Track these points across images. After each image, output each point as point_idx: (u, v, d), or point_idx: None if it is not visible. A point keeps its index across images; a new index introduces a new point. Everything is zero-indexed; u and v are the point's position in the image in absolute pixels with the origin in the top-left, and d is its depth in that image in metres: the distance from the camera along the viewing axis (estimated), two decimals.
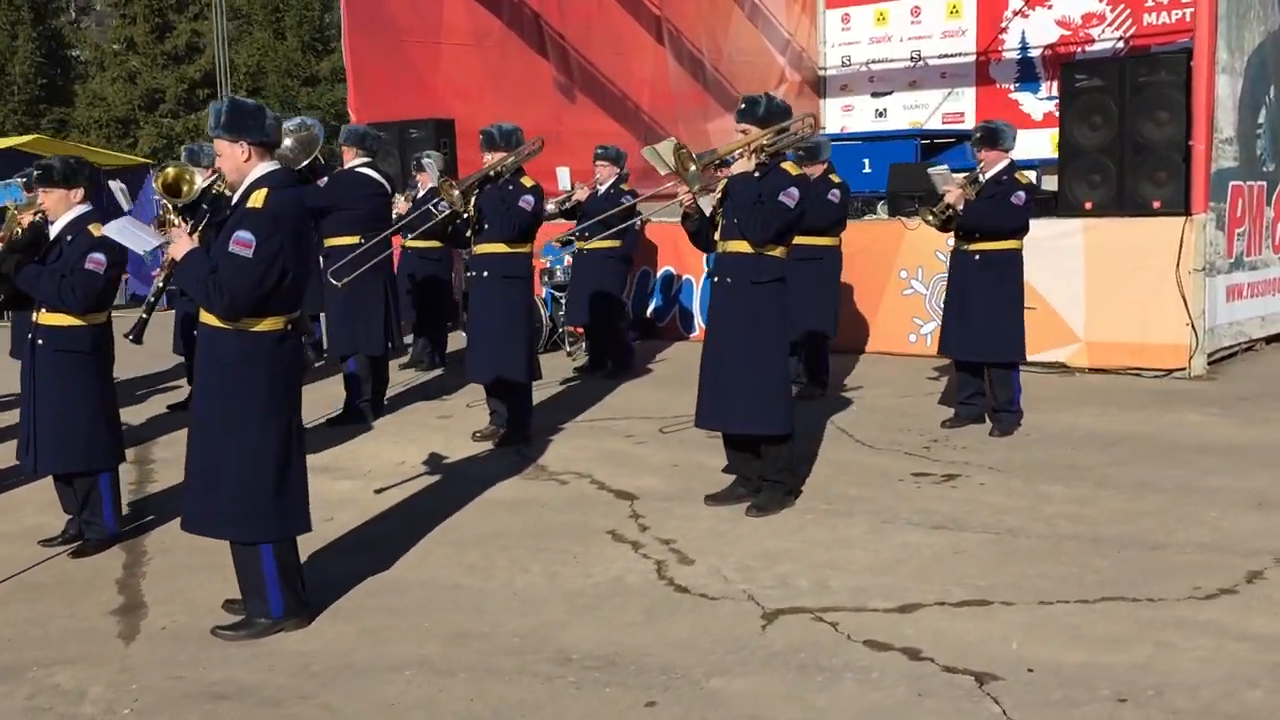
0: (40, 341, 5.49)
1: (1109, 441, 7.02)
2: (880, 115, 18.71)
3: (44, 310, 5.47)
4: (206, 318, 4.43)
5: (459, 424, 7.79)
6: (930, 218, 7.14)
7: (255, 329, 4.37)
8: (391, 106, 13.92)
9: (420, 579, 5.09)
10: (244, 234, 4.25)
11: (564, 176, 10.21)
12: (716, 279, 5.79)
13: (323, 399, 8.49)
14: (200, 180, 8.55)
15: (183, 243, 4.45)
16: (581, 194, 9.51)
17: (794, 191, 5.58)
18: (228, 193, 4.49)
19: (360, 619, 4.68)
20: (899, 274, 10.22)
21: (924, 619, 4.45)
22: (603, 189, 9.48)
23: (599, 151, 9.65)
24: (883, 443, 7.12)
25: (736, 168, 5.63)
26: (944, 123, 17.19)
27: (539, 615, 4.64)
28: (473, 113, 15.10)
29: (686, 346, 10.50)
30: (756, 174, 5.64)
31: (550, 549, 5.40)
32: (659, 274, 11.79)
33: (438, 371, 9.85)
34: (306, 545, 5.38)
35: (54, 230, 5.50)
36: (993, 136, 7.23)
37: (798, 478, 6.06)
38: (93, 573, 5.35)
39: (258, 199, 4.31)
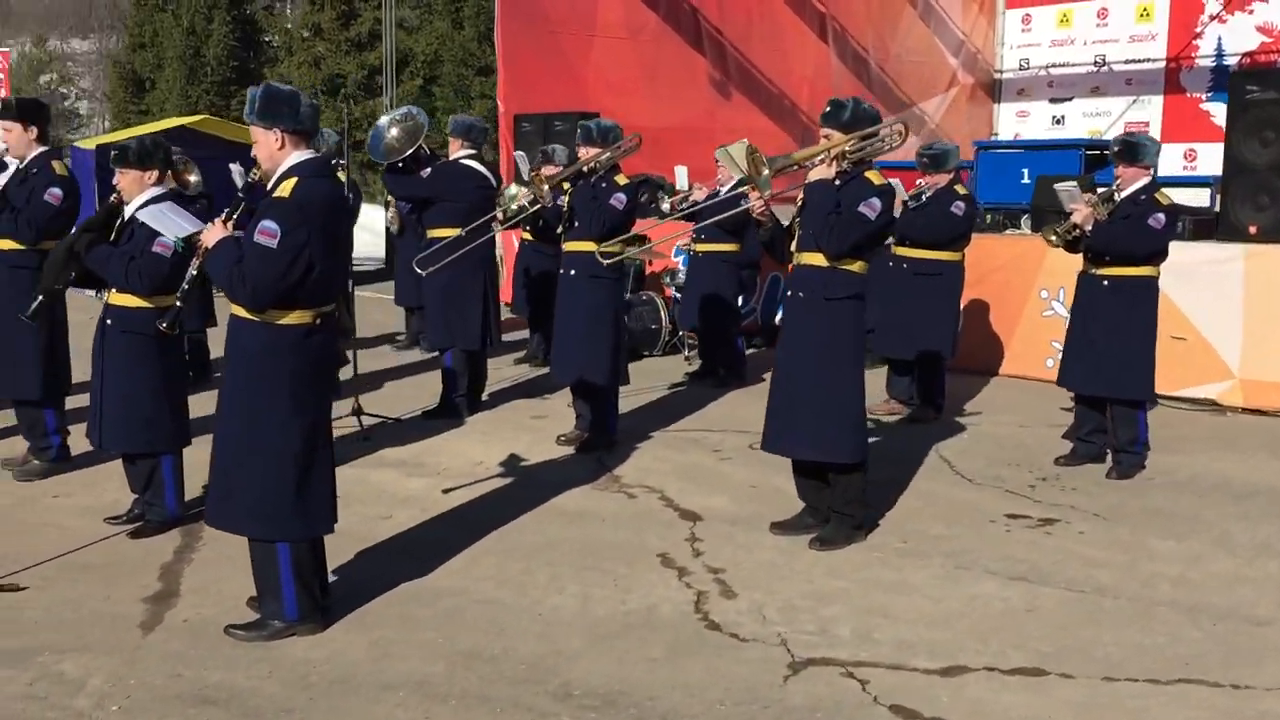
0: (109, 322, 5.52)
1: (1242, 494, 6.34)
2: (1057, 123, 17.80)
3: (114, 290, 5.50)
4: (235, 308, 4.32)
5: (552, 425, 7.60)
6: (1053, 238, 6.57)
7: (281, 321, 4.24)
8: (540, 98, 13.89)
9: (454, 588, 4.90)
10: (269, 223, 4.12)
11: (682, 175, 9.92)
12: (790, 293, 5.42)
13: (421, 392, 8.45)
14: None
15: (216, 230, 4.36)
16: (700, 194, 9.19)
17: (875, 202, 5.17)
18: (263, 181, 4.37)
19: (378, 628, 4.51)
20: (1039, 294, 9.55)
21: (967, 685, 4.02)
22: (725, 190, 9.14)
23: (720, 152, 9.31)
24: (984, 477, 6.61)
25: (815, 174, 5.25)
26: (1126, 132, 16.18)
27: (556, 642, 4.38)
28: (624, 106, 14.99)
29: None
30: (837, 182, 5.25)
31: (596, 568, 5.14)
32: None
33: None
34: (354, 544, 5.33)
35: (128, 211, 5.52)
36: (1131, 151, 6.60)
37: (870, 510, 5.63)
38: (144, 555, 5.34)
39: (285, 188, 4.18)
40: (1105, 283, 6.60)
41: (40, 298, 5.82)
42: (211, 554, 5.35)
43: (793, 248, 5.41)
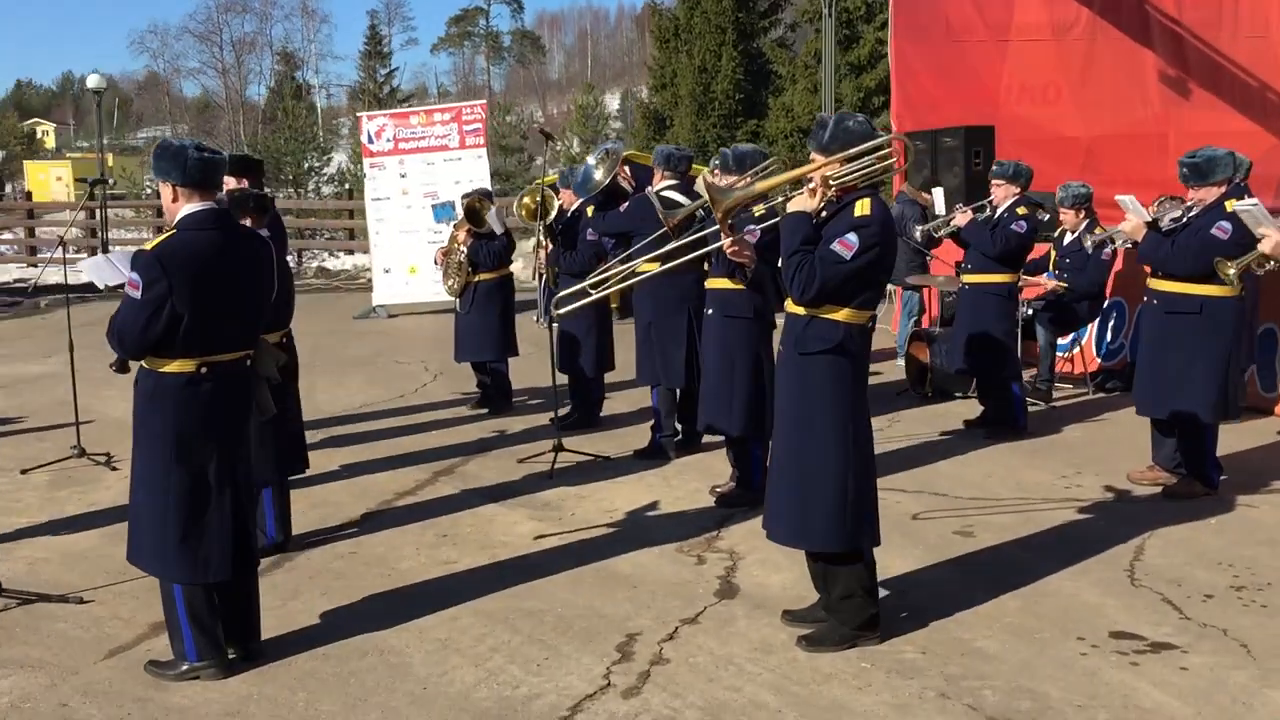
0: None
1: None
2: None
3: None
4: None
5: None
6: (1230, 270, 4.93)
7: (163, 369, 4.34)
8: (941, 113, 12.92)
9: (389, 647, 4.70)
10: (134, 274, 4.26)
11: (938, 197, 8.69)
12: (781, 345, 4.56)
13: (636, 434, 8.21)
14: (555, 203, 8.81)
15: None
16: (962, 218, 8.02)
17: (851, 239, 4.20)
18: None
19: (270, 683, 4.43)
20: None
21: None
22: (999, 211, 7.92)
23: (994, 169, 8.08)
24: (1157, 579, 5.11)
25: (794, 204, 4.37)
26: None
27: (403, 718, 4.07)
28: (1047, 115, 13.64)
29: (1123, 401, 8.46)
30: (823, 213, 4.35)
31: (547, 643, 4.67)
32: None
33: None
34: (386, 582, 5.35)
35: None
36: None
37: (876, 609, 4.57)
38: None
39: (154, 241, 4.30)
40: None
41: None
42: None
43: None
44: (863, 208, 4.29)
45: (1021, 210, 7.84)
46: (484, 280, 9.22)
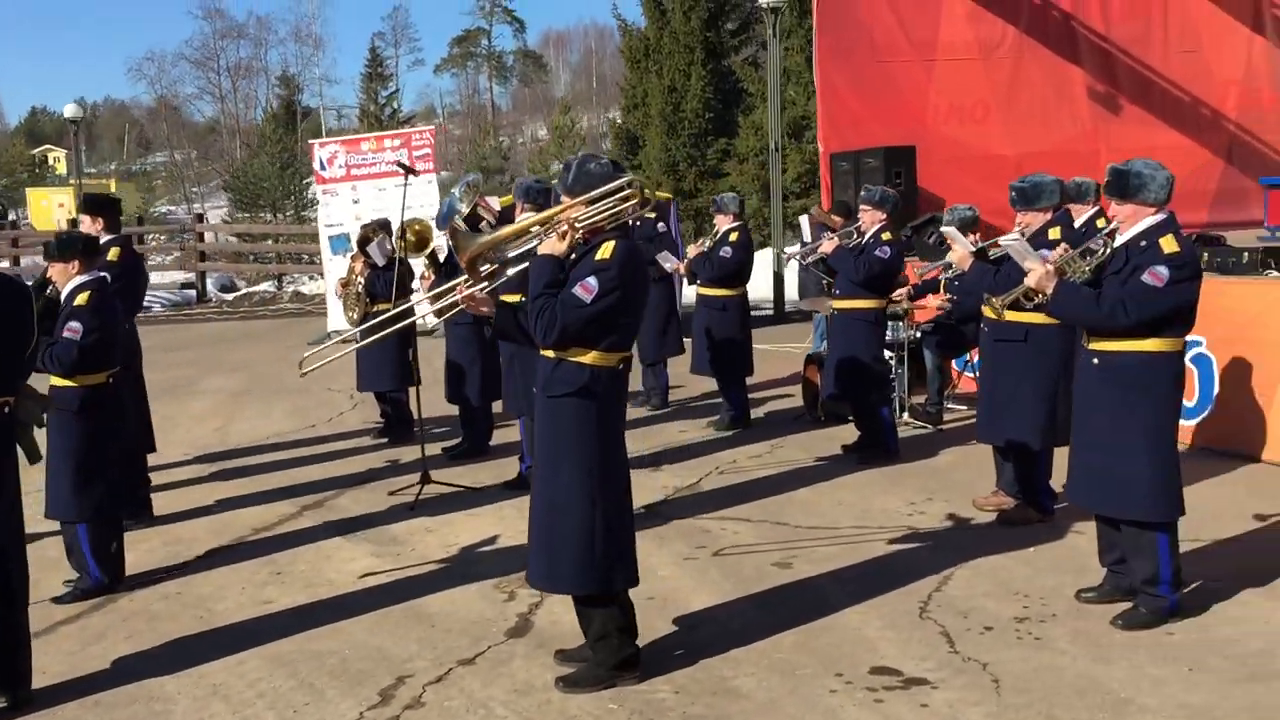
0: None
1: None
2: None
3: None
4: None
5: None
6: (996, 304, 4.94)
7: None
8: (867, 133, 12.96)
9: (171, 693, 4.73)
10: None
11: (804, 224, 8.73)
12: None
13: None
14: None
15: None
16: (829, 244, 8.04)
17: (591, 283, 4.25)
18: None
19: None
20: None
21: None
22: (866, 238, 7.94)
23: (861, 195, 8.13)
24: (954, 609, 5.13)
25: (544, 248, 4.42)
26: None
27: None
28: (975, 134, 13.64)
29: None
30: (573, 255, 4.40)
31: (321, 690, 4.70)
32: None
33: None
34: (190, 625, 5.40)
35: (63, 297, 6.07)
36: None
37: (634, 649, 4.59)
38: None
39: None
40: (1096, 360, 4.85)
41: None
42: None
43: None
44: (605, 251, 4.34)
45: (886, 236, 7.87)
46: (382, 310, 9.29)
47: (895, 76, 13.36)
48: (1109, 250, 4.81)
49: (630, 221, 8.45)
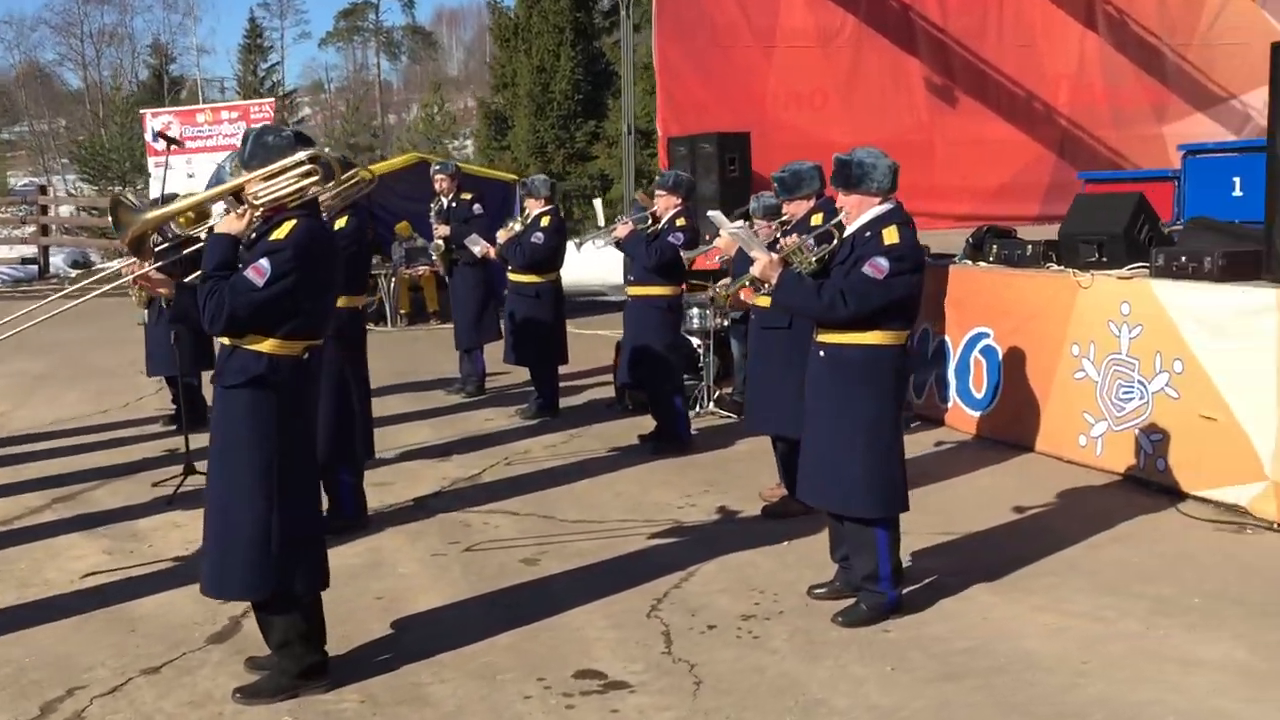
0: None
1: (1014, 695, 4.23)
2: None
3: None
4: None
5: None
6: (721, 293, 4.79)
7: None
8: (708, 118, 12.78)
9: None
10: None
11: (598, 208, 8.59)
12: None
13: None
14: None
15: None
16: (623, 229, 7.83)
17: (263, 265, 3.96)
18: None
19: None
20: (1070, 350, 7.16)
21: None
22: (661, 223, 7.75)
23: (657, 179, 7.95)
24: (708, 607, 4.95)
25: (220, 226, 4.12)
26: None
27: None
28: (813, 121, 13.56)
29: None
30: (253, 235, 4.11)
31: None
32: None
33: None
34: None
35: None
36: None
37: (320, 656, 4.33)
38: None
39: None
40: (822, 353, 4.72)
41: None
42: None
43: None
44: (281, 231, 4.05)
45: (680, 222, 7.69)
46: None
47: (735, 61, 13.23)
48: (837, 241, 4.66)
49: (445, 204, 8.16)
